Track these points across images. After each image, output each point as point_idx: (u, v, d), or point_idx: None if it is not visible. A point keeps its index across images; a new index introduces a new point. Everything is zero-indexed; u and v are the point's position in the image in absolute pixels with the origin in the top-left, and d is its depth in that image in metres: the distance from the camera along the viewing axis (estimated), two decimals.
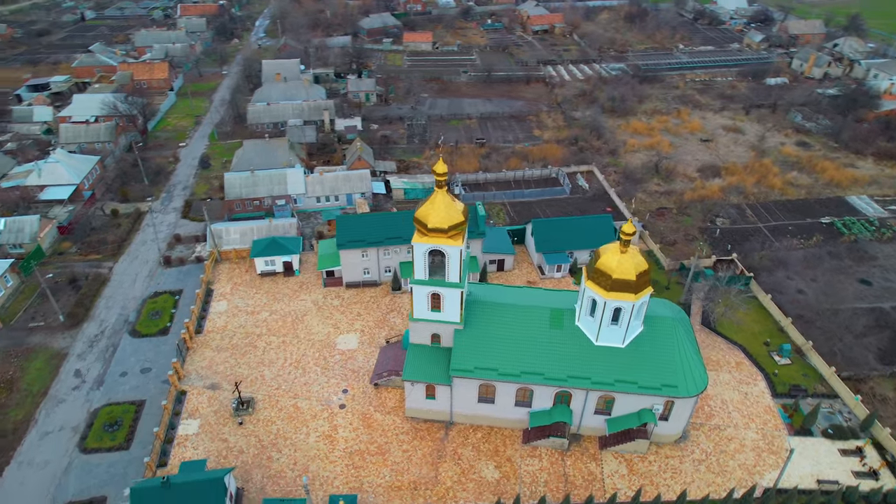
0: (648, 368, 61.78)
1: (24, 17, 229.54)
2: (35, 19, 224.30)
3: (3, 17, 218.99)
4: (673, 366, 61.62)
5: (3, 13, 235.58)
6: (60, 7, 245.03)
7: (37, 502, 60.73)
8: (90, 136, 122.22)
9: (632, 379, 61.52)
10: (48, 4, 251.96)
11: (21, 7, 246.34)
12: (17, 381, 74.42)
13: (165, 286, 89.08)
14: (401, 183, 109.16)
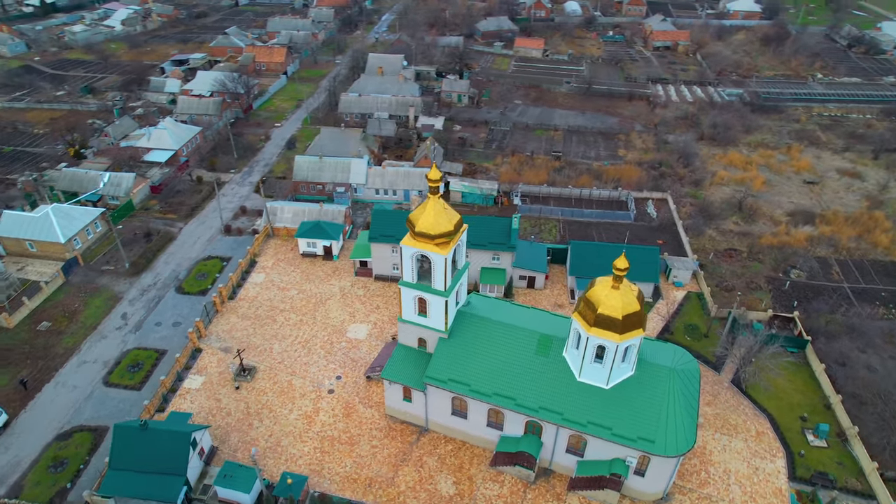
0: (627, 417, 57.23)
1: (190, 0, 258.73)
2: (197, 2, 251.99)
3: (172, 0, 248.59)
4: (656, 419, 56.54)
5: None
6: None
7: (57, 419, 69.46)
8: (200, 108, 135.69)
9: (607, 424, 57.31)
10: None
11: None
12: (78, 313, 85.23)
13: (218, 252, 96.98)
14: (459, 186, 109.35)
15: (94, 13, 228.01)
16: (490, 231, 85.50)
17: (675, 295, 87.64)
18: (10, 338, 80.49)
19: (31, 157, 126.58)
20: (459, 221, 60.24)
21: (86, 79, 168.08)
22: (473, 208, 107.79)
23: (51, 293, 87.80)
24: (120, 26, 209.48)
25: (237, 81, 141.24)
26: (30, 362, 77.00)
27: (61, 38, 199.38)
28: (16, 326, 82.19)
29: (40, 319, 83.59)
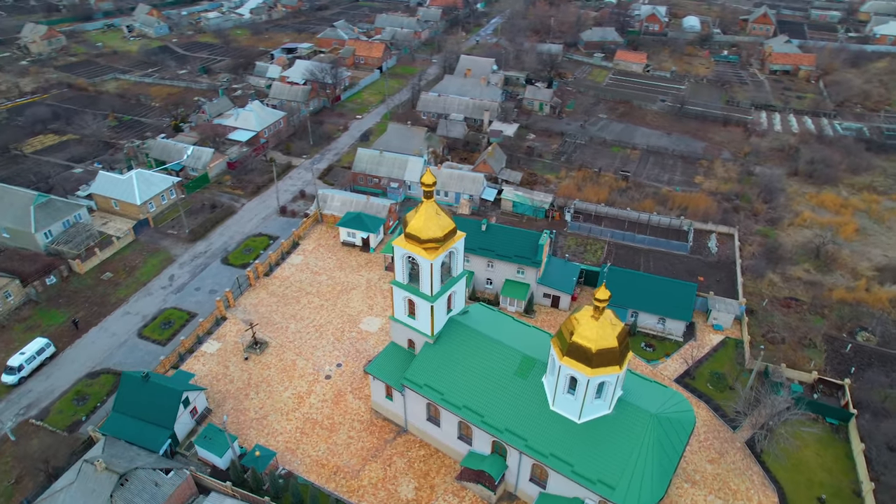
0: (593, 456, 53.87)
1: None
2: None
3: None
4: (622, 465, 52.76)
5: None
6: None
7: (92, 359, 77.55)
8: (290, 95, 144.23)
9: (569, 459, 54.29)
10: None
11: None
12: (136, 269, 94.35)
13: (269, 230, 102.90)
14: (512, 195, 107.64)
15: (231, 2, 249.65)
16: (517, 244, 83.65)
17: (711, 338, 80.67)
18: (78, 282, 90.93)
19: (143, 126, 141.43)
20: (452, 230, 59.68)
21: (206, 60, 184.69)
22: (522, 219, 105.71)
23: (120, 248, 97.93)
24: (248, 14, 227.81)
25: (326, 72, 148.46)
26: (86, 306, 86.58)
27: (198, 23, 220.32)
28: (85, 273, 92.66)
29: (105, 270, 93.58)
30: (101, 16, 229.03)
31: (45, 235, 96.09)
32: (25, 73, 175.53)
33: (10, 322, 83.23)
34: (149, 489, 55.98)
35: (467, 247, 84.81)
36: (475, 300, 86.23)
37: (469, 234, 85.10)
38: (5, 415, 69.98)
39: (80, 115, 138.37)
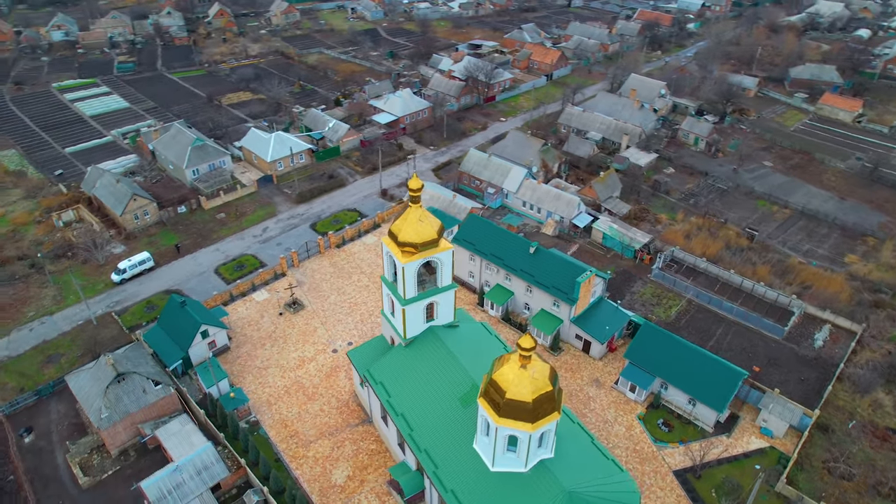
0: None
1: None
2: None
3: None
4: None
5: None
6: None
7: (173, 280, 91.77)
8: (444, 88, 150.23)
9: (467, 500, 50.90)
10: None
11: None
12: (244, 216, 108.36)
13: (363, 208, 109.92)
14: (605, 226, 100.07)
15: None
16: (558, 275, 78.41)
17: (751, 441, 67.50)
18: (198, 216, 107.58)
19: (317, 96, 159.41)
20: (432, 241, 58.79)
21: (398, 46, 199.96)
22: (608, 254, 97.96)
23: (241, 195, 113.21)
24: (457, 8, 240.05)
25: (483, 70, 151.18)
26: (193, 236, 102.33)
27: (410, 11, 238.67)
28: (207, 209, 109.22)
29: (221, 211, 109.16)
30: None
31: (193, 173, 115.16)
32: (258, 40, 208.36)
33: (140, 234, 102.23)
34: (136, 392, 65.89)
35: (510, 266, 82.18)
36: (507, 321, 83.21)
37: (516, 254, 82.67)
38: (100, 304, 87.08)
39: (271, 79, 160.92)
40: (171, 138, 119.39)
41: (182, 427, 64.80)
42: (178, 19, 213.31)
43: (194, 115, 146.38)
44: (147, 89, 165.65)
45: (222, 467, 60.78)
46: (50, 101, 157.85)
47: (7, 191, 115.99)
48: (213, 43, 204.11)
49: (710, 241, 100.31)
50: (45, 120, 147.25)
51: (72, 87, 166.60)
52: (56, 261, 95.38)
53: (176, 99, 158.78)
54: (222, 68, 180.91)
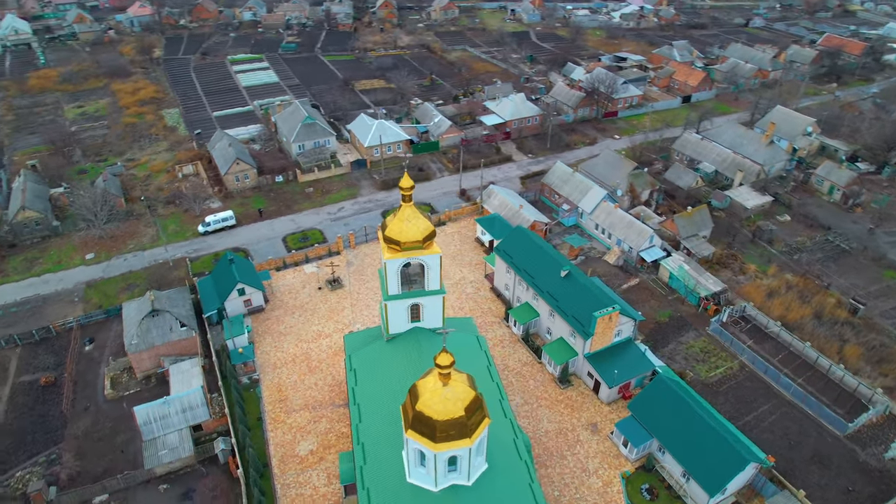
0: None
1: (709, 12, 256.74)
2: (709, 13, 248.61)
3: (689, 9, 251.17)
4: None
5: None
6: (747, 10, 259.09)
7: (244, 240, 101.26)
8: (563, 97, 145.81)
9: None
10: (745, 6, 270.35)
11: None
12: (330, 193, 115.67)
13: (437, 203, 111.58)
14: (675, 264, 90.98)
15: (617, 4, 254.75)
16: (581, 305, 73.35)
17: None
18: (290, 187, 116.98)
19: (441, 91, 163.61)
20: (416, 242, 58.70)
21: (542, 51, 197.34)
22: (669, 295, 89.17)
23: (333, 174, 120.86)
24: (618, 19, 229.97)
25: (603, 82, 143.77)
26: (277, 205, 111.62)
27: (568, 17, 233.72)
28: (300, 182, 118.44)
29: (311, 186, 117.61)
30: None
31: (299, 147, 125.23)
32: (413, 32, 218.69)
33: (237, 195, 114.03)
34: (164, 328, 74.63)
35: (538, 286, 78.66)
36: (525, 342, 79.80)
37: (547, 274, 79.10)
38: (181, 249, 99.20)
39: (405, 70, 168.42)
40: (290, 114, 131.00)
41: (190, 368, 72.22)
42: (347, 7, 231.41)
43: (327, 95, 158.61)
44: (298, 68, 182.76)
45: (205, 411, 66.81)
46: (220, 71, 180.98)
47: (158, 142, 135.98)
48: (371, 32, 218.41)
49: (796, 304, 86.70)
50: (210, 86, 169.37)
51: (241, 60, 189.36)
52: (166, 206, 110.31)
53: (317, 79, 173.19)
54: (369, 56, 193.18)
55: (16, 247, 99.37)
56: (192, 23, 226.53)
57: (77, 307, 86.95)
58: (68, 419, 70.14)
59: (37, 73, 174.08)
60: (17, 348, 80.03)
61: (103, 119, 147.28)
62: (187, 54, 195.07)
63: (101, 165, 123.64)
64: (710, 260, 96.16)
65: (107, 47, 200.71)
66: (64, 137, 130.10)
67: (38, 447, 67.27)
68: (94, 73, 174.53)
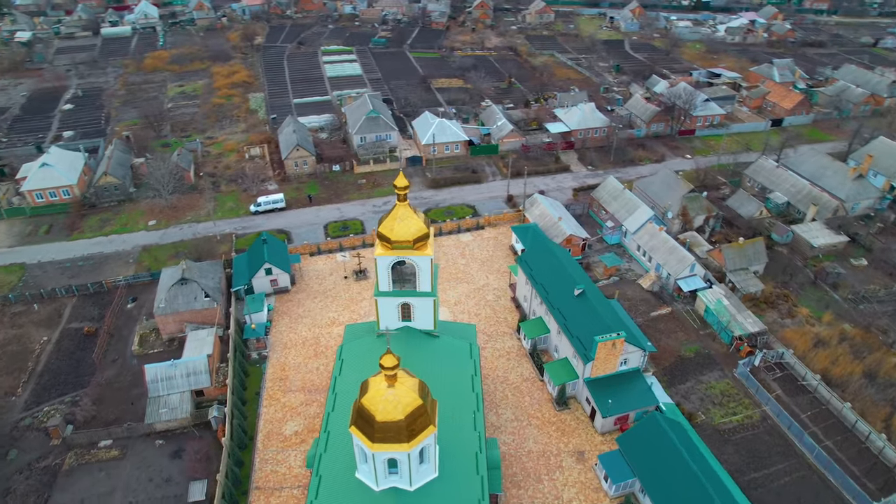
0: None
1: (831, 29, 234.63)
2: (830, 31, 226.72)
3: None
4: None
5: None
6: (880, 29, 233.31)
7: (288, 223, 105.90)
8: (637, 110, 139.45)
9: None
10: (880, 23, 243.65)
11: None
12: (379, 186, 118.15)
13: (480, 206, 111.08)
14: (713, 297, 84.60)
15: (726, 17, 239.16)
16: (587, 326, 70.28)
17: None
18: (345, 177, 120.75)
19: (515, 94, 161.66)
20: (405, 242, 58.69)
21: (632, 61, 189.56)
22: (701, 330, 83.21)
23: (387, 168, 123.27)
24: (722, 32, 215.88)
25: (680, 98, 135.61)
26: (328, 192, 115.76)
27: (668, 28, 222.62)
28: (355, 173, 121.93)
29: (365, 178, 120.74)
30: (607, 5, 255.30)
31: (360, 139, 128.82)
32: (504, 34, 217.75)
33: (293, 180, 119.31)
34: (189, 297, 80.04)
35: (550, 301, 76.26)
36: (532, 357, 77.58)
37: (561, 291, 76.78)
38: (231, 225, 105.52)
39: (481, 72, 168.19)
40: (357, 106, 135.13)
41: (205, 337, 76.92)
42: (443, 6, 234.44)
43: (403, 91, 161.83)
44: (383, 62, 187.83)
45: (207, 378, 70.99)
46: (310, 61, 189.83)
47: (238, 123, 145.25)
48: (463, 31, 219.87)
49: (847, 358, 77.84)
50: (298, 74, 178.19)
51: (332, 51, 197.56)
52: (229, 184, 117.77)
53: (398, 74, 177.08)
54: (455, 54, 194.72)
55: (95, 207, 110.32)
56: (297, 13, 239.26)
57: (130, 268, 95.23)
58: (97, 368, 77.19)
59: (153, 54, 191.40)
60: (73, 298, 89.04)
61: (196, 98, 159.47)
62: (285, 43, 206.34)
63: (183, 140, 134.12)
64: (757, 297, 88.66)
65: (217, 33, 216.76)
66: (157, 113, 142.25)
67: (67, 388, 74.69)
68: (200, 56, 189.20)
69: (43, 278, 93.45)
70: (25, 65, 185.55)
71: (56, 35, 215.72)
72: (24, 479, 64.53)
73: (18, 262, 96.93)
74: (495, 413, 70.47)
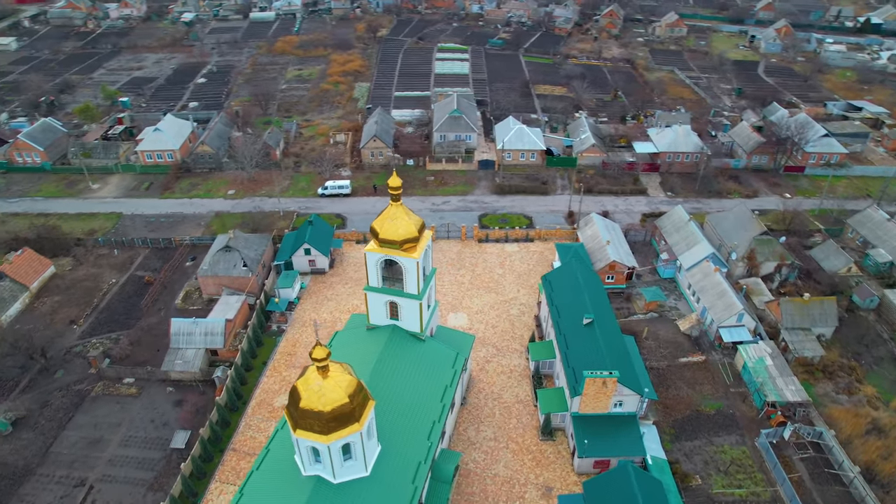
0: None
1: None
2: None
3: None
4: None
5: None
6: None
7: (347, 209, 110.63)
8: (741, 139, 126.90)
9: None
10: None
11: None
12: (446, 185, 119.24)
13: (538, 218, 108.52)
14: (755, 354, 75.68)
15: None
16: (585, 359, 66.33)
17: None
18: (416, 172, 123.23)
19: (615, 108, 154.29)
20: (396, 241, 60.53)
21: (760, 86, 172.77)
22: (735, 386, 74.96)
23: (458, 168, 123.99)
24: (884, 60, 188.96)
25: (789, 129, 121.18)
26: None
27: (816, 53, 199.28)
28: (426, 169, 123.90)
29: (434, 175, 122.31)
30: (752, 22, 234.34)
31: (440, 137, 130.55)
32: (627, 45, 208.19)
33: (366, 169, 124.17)
34: (229, 264, 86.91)
35: (559, 326, 72.86)
36: (533, 379, 74.59)
37: (571, 318, 73.46)
38: (297, 204, 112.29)
39: (586, 81, 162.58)
40: (445, 104, 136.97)
41: (234, 302, 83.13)
42: (570, 11, 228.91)
43: (502, 93, 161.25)
44: (493, 63, 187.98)
45: (221, 340, 76.85)
46: (424, 56, 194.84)
47: (336, 109, 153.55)
48: (584, 39, 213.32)
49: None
50: (408, 68, 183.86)
51: (448, 48, 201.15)
52: (309, 165, 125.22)
53: (504, 76, 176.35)
54: (568, 62, 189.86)
55: (190, 172, 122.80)
56: (427, 9, 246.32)
57: (199, 230, 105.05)
58: (143, 314, 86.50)
59: (285, 38, 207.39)
60: (146, 249, 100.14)
61: (309, 83, 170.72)
62: (406, 37, 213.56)
63: (283, 120, 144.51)
64: (813, 364, 78.07)
65: (349, 23, 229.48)
66: (266, 92, 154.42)
67: (115, 326, 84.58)
68: (324, 43, 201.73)
69: (130, 228, 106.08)
70: (183, 42, 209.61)
71: (214, 17, 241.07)
72: (61, 396, 74.44)
73: (118, 212, 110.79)
74: (476, 429, 69.15)
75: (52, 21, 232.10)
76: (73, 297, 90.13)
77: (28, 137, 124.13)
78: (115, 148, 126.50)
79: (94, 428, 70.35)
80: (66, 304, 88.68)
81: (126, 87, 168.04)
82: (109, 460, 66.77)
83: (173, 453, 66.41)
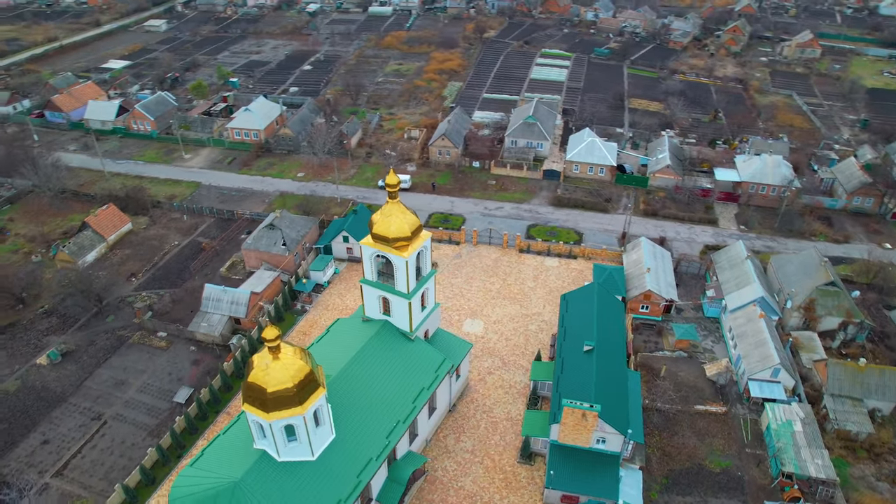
0: None
1: None
2: None
3: None
4: None
5: None
6: None
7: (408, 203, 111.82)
8: (843, 177, 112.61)
9: None
10: None
11: None
12: (507, 191, 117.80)
13: (589, 235, 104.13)
14: (784, 416, 67.54)
15: None
16: (573, 386, 63.19)
17: None
18: (479, 174, 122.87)
19: (707, 130, 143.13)
20: (390, 238, 60.93)
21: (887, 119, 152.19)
22: (754, 448, 67.55)
23: (522, 176, 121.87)
24: None
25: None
26: (455, 185, 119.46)
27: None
28: (491, 173, 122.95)
29: (496, 179, 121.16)
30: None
31: (511, 142, 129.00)
32: (745, 64, 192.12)
33: (432, 166, 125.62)
34: (270, 241, 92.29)
35: (560, 350, 69.69)
36: (532, 397, 71.88)
37: (573, 344, 70.17)
38: (354, 193, 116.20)
39: (683, 100, 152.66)
40: (522, 110, 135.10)
41: (266, 278, 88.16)
42: (689, 25, 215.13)
43: (593, 104, 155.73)
44: (593, 73, 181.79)
45: (244, 310, 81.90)
46: (525, 60, 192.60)
47: (422, 105, 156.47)
48: (699, 55, 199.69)
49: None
50: (505, 71, 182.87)
51: (551, 54, 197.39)
52: (379, 157, 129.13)
53: (600, 87, 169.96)
54: (675, 77, 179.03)
55: (269, 152, 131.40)
56: (541, 13, 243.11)
57: (261, 206, 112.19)
58: (191, 276, 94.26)
59: (395, 33, 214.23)
60: (212, 218, 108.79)
61: (404, 78, 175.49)
62: (513, 40, 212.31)
63: (369, 111, 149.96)
64: (857, 441, 68.34)
65: (460, 22, 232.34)
66: (359, 84, 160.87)
67: (165, 284, 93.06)
68: (430, 40, 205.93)
69: (204, 197, 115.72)
70: (302, 31, 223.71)
71: (337, 9, 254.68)
72: (106, 338, 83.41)
73: (198, 181, 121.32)
74: (456, 438, 68.26)
75: (199, 7, 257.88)
76: (140, 252, 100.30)
77: (143, 108, 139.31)
78: (211, 123, 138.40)
79: (123, 371, 78.17)
80: (132, 258, 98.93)
81: (241, 69, 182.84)
82: (126, 402, 73.98)
83: (176, 406, 72.23)
